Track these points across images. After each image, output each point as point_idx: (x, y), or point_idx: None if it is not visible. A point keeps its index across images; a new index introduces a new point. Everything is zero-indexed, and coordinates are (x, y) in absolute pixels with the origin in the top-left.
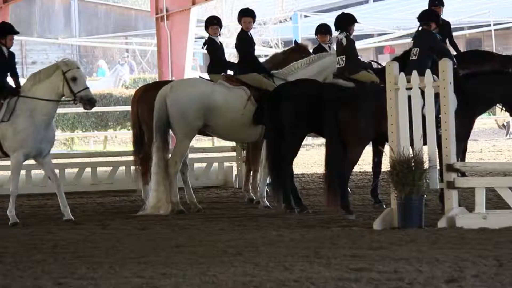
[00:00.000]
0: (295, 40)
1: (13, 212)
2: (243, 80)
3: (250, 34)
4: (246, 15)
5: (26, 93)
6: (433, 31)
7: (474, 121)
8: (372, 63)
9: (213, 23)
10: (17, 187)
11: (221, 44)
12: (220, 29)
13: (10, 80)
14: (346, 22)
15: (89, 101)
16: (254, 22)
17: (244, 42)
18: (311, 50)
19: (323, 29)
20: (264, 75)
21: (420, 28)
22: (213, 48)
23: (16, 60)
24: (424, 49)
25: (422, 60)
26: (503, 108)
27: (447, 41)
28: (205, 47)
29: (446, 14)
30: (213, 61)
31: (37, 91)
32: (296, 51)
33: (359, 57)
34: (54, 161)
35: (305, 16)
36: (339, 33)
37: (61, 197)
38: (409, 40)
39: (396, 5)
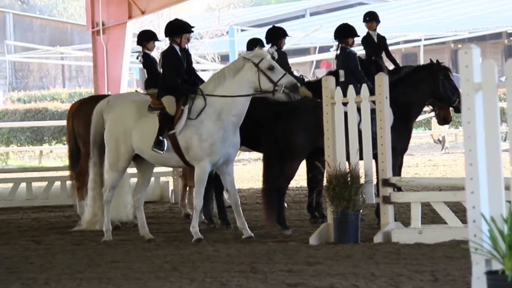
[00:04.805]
0: None
1: (196, 228)
2: None
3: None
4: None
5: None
6: (350, 49)
7: (411, 131)
8: (304, 77)
9: (154, 38)
10: (201, 201)
11: (155, 59)
12: None
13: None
14: (276, 35)
15: (294, 88)
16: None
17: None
18: None
19: (254, 44)
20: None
21: (339, 46)
22: (150, 63)
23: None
24: (348, 70)
25: (350, 81)
26: (433, 109)
27: (383, 54)
28: (142, 62)
29: (382, 29)
30: (150, 76)
31: (225, 91)
32: None
33: (292, 71)
34: None
35: (242, 30)
36: (270, 47)
37: (238, 214)
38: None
39: (334, 19)
